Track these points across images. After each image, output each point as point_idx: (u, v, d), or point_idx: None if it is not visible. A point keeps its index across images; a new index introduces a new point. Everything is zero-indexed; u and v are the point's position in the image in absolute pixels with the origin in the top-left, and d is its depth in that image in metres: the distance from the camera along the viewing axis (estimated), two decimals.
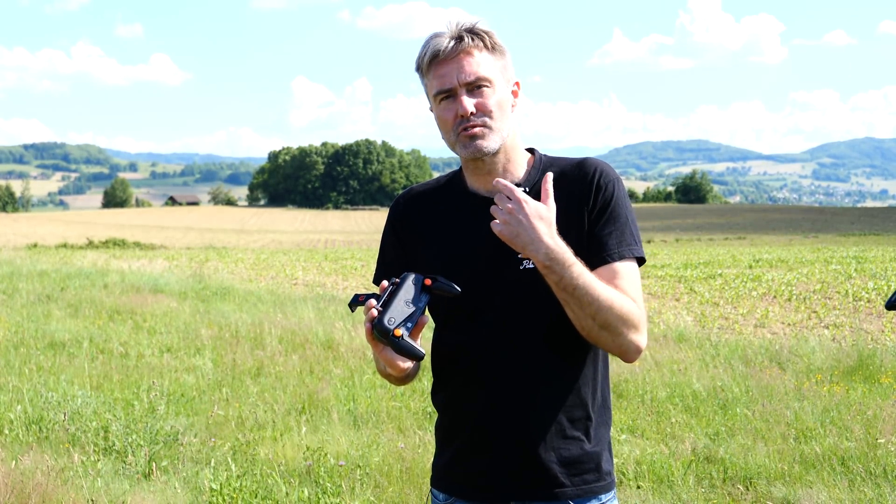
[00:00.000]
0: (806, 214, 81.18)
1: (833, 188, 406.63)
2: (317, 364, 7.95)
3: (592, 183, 1.84)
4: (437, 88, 1.82)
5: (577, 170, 1.87)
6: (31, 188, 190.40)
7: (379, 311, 1.68)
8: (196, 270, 20.29)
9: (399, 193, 2.06)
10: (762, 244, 39.56)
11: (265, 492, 4.49)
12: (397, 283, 1.71)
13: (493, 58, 1.84)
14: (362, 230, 76.10)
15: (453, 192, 1.94)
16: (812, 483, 4.57)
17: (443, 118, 1.84)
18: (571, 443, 1.84)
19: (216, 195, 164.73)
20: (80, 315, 11.38)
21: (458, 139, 1.83)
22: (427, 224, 1.94)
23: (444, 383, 1.94)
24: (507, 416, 1.83)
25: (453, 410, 1.92)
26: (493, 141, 1.82)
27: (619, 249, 1.81)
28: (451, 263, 1.84)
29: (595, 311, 1.71)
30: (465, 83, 1.80)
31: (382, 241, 2.03)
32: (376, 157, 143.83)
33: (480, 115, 1.81)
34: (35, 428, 5.63)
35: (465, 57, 1.81)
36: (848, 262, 21.40)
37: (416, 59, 1.86)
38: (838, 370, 7.34)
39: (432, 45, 1.82)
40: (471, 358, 1.85)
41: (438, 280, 1.72)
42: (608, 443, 1.92)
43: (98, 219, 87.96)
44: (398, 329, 1.65)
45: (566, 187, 1.84)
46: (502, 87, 1.85)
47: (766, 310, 12.42)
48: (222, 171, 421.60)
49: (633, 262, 1.83)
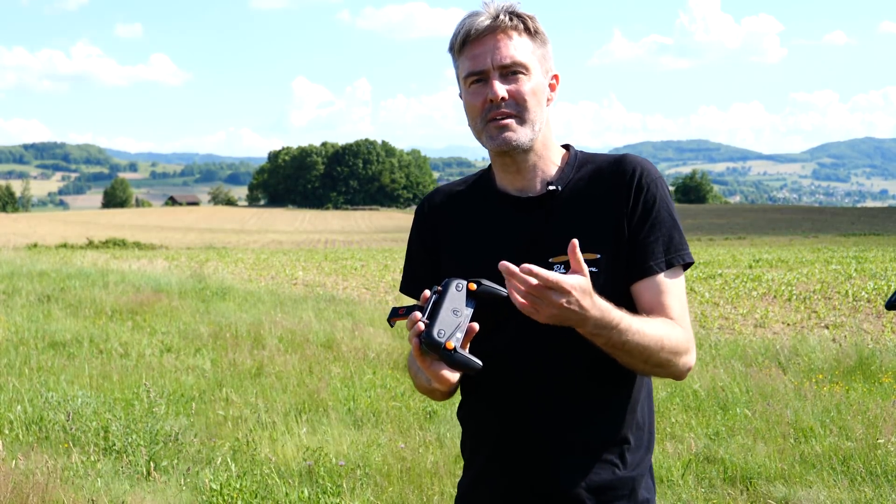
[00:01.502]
0: (806, 214, 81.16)
1: (833, 188, 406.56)
2: (317, 364, 7.95)
3: (632, 183, 1.68)
4: (469, 69, 1.67)
5: (614, 168, 1.71)
6: (31, 188, 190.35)
7: (426, 323, 1.52)
8: (196, 270, 20.28)
9: (426, 194, 1.92)
10: (762, 244, 39.54)
11: (265, 492, 4.49)
12: (440, 290, 1.55)
13: (532, 44, 1.68)
14: (362, 230, 76.08)
15: (481, 191, 1.80)
16: (812, 483, 4.56)
17: (471, 103, 1.68)
18: (603, 467, 1.67)
19: (216, 195, 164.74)
20: (80, 315, 11.37)
21: (485, 128, 1.67)
22: (453, 226, 1.80)
23: (467, 396, 1.81)
24: (530, 435, 1.68)
25: (475, 426, 1.79)
26: (524, 134, 1.66)
27: (666, 257, 1.67)
28: (477, 269, 1.68)
29: (647, 357, 1.58)
30: (499, 66, 1.64)
31: (409, 246, 1.91)
32: (376, 157, 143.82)
33: (513, 104, 1.65)
34: (35, 428, 5.62)
35: (503, 38, 1.65)
36: (848, 262, 21.39)
37: (450, 38, 1.71)
38: (838, 370, 7.34)
39: (468, 23, 1.66)
40: (493, 370, 1.66)
41: (483, 284, 1.58)
42: (649, 468, 1.75)
43: (98, 219, 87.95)
44: (449, 341, 1.50)
45: (603, 187, 1.70)
46: (539, 76, 1.68)
47: (766, 310, 12.41)
48: (222, 171, 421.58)
49: (679, 270, 1.69)
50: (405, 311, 1.59)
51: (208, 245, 47.45)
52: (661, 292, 1.65)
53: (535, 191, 1.74)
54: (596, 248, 1.67)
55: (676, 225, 1.70)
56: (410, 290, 1.87)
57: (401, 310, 1.61)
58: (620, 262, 1.66)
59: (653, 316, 1.65)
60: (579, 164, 1.75)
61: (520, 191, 1.75)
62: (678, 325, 1.64)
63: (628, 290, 1.69)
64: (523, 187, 1.75)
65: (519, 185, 1.75)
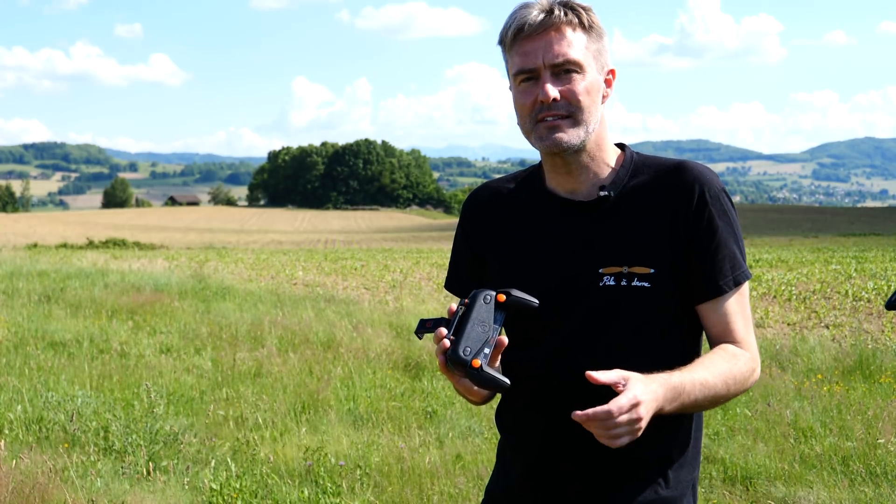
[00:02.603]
0: (806, 214, 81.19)
1: (833, 188, 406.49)
2: (317, 364, 7.94)
3: (693, 196, 1.59)
4: (519, 67, 1.59)
5: (674, 177, 1.62)
6: (31, 188, 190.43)
7: (451, 339, 1.47)
8: (196, 270, 20.28)
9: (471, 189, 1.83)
10: (762, 244, 39.52)
11: (265, 492, 4.49)
12: (466, 304, 1.50)
13: (587, 38, 1.59)
14: (362, 230, 76.08)
15: (530, 190, 1.72)
16: (812, 483, 4.56)
17: (520, 102, 1.61)
18: (645, 485, 1.62)
19: (216, 195, 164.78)
20: (80, 315, 11.37)
21: (534, 129, 1.60)
22: (499, 226, 1.72)
23: (508, 403, 1.75)
24: (570, 449, 1.62)
25: (514, 436, 1.73)
26: (575, 136, 1.58)
27: (733, 275, 1.60)
28: (523, 272, 1.64)
29: (714, 400, 1.55)
30: (551, 64, 1.56)
31: (454, 244, 1.83)
32: (376, 158, 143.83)
33: (565, 104, 1.57)
34: (35, 428, 5.62)
35: (556, 34, 1.56)
36: (848, 262, 21.39)
37: (501, 31, 1.62)
38: (838, 370, 7.34)
39: (519, 16, 1.58)
40: (535, 379, 1.63)
41: (512, 295, 1.52)
42: (692, 486, 1.69)
43: (98, 219, 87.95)
44: (476, 359, 1.45)
45: (660, 197, 1.62)
46: (594, 74, 1.60)
47: (766, 310, 12.41)
48: (222, 171, 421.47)
49: (745, 287, 1.63)
50: (432, 325, 1.54)
51: (208, 245, 47.44)
52: (727, 313, 1.60)
53: (587, 194, 1.66)
54: (649, 262, 1.60)
55: (739, 240, 1.64)
56: (454, 288, 1.82)
57: (428, 322, 1.56)
58: (676, 280, 1.60)
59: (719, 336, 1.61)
60: (635, 168, 1.67)
61: (570, 193, 1.67)
62: (740, 353, 1.59)
63: (683, 309, 1.63)
64: (574, 189, 1.67)
65: (570, 186, 1.67)
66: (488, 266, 1.72)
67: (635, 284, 1.58)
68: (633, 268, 1.59)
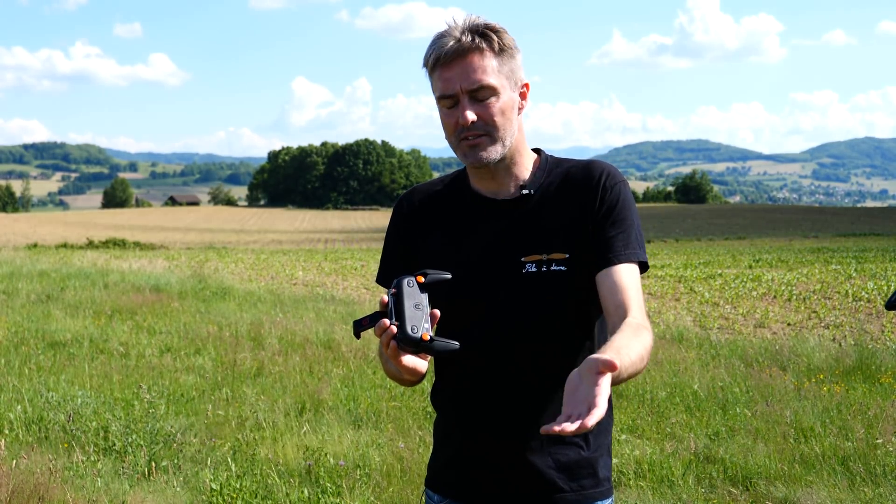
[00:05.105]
0: (806, 214, 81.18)
1: (833, 188, 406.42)
2: (317, 364, 7.95)
3: (598, 185, 1.80)
4: (441, 92, 1.76)
5: (583, 172, 1.83)
6: (31, 188, 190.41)
7: (397, 325, 1.59)
8: (196, 270, 20.28)
9: (401, 193, 2.01)
10: (762, 244, 39.54)
11: (265, 492, 4.49)
12: (395, 292, 1.64)
13: (498, 62, 1.75)
14: (362, 230, 76.06)
15: (457, 192, 1.90)
16: (812, 483, 4.57)
17: (445, 121, 1.79)
18: (569, 448, 1.81)
19: (216, 195, 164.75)
20: (80, 315, 11.37)
21: (459, 145, 1.78)
22: (429, 225, 1.90)
23: (442, 383, 1.92)
24: (503, 419, 1.81)
25: (450, 411, 1.90)
26: (494, 152, 1.77)
27: (624, 252, 1.77)
28: (452, 264, 1.80)
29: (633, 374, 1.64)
30: (467, 90, 1.73)
31: (386, 241, 1.99)
32: (376, 158, 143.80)
33: (482, 125, 1.75)
34: (35, 428, 5.63)
35: (470, 61, 1.72)
36: (848, 262, 21.40)
37: (424, 57, 1.79)
38: (838, 370, 7.34)
39: (438, 45, 1.74)
40: (468, 359, 1.79)
41: (429, 273, 1.68)
42: (607, 448, 1.89)
43: (98, 219, 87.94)
44: (425, 333, 1.58)
45: (572, 190, 1.82)
46: (508, 93, 1.77)
47: (766, 310, 12.42)
48: (222, 171, 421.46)
49: (636, 266, 1.79)
50: (369, 321, 1.66)
51: (208, 245, 47.45)
52: (619, 284, 1.74)
53: (509, 194, 1.85)
54: (565, 248, 1.78)
55: (635, 227, 1.81)
56: (386, 282, 1.95)
57: (364, 320, 1.67)
58: (587, 260, 1.76)
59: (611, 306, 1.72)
60: (550, 169, 1.86)
61: (494, 193, 1.85)
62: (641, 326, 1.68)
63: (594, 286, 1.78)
64: (497, 190, 1.84)
65: (493, 188, 1.85)
66: (420, 260, 1.88)
67: (553, 269, 1.77)
68: (551, 255, 1.77)
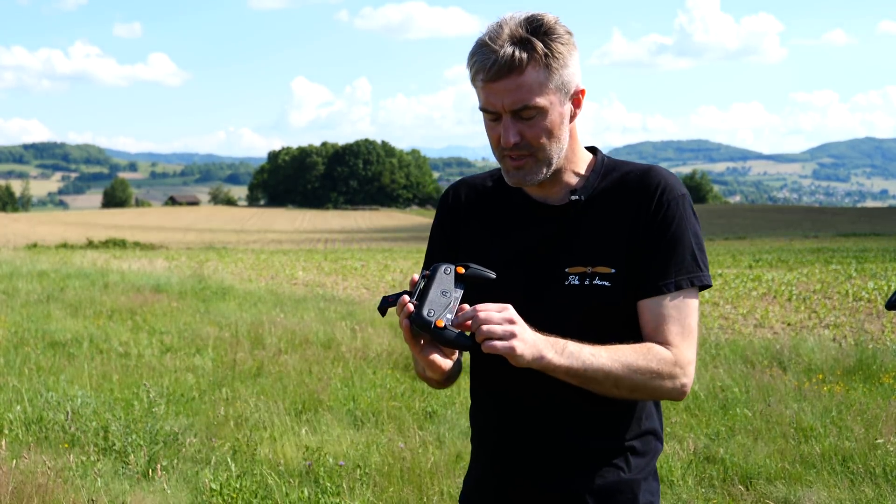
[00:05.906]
0: (806, 214, 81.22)
1: (833, 188, 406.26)
2: (317, 364, 7.94)
3: (653, 199, 1.65)
4: (483, 105, 1.63)
5: (639, 181, 1.68)
6: (30, 188, 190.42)
7: (415, 304, 1.52)
8: (196, 270, 20.28)
9: (450, 183, 1.90)
10: (762, 244, 39.54)
11: (265, 492, 4.49)
12: (428, 275, 1.56)
13: (548, 73, 1.58)
14: (362, 230, 76.07)
15: (506, 191, 1.77)
16: (812, 483, 4.56)
17: (488, 133, 1.67)
18: (608, 471, 1.68)
19: (216, 195, 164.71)
20: (80, 315, 11.37)
21: (501, 161, 1.68)
22: (474, 221, 1.80)
23: (475, 397, 1.83)
24: (535, 439, 1.69)
25: (483, 427, 1.81)
26: (538, 172, 1.65)
27: (676, 279, 1.63)
28: (494, 266, 1.68)
29: (614, 383, 1.57)
30: (510, 110, 1.59)
31: (431, 233, 1.89)
32: (376, 158, 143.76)
33: (526, 145, 1.62)
34: (35, 428, 5.62)
35: (514, 79, 1.57)
36: (848, 262, 21.40)
37: (467, 60, 1.65)
38: (838, 370, 7.34)
39: (478, 57, 1.59)
40: (500, 373, 1.67)
41: (471, 266, 1.59)
42: (652, 472, 1.75)
43: (98, 219, 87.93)
44: (440, 319, 1.49)
45: (625, 200, 1.68)
46: (557, 110, 1.62)
47: (766, 310, 12.42)
48: (222, 171, 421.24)
49: (690, 291, 1.64)
50: (394, 299, 1.57)
51: (208, 245, 47.45)
52: (661, 315, 1.62)
53: (558, 198, 1.73)
54: (611, 262, 1.65)
55: (694, 245, 1.66)
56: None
57: (390, 298, 1.59)
58: (632, 277, 1.63)
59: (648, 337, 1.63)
60: (605, 172, 1.73)
61: (543, 197, 1.74)
62: (661, 350, 1.60)
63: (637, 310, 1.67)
64: (546, 194, 1.73)
65: (542, 193, 1.74)
66: (461, 258, 1.78)
67: (597, 283, 1.64)
68: (596, 267, 1.65)
